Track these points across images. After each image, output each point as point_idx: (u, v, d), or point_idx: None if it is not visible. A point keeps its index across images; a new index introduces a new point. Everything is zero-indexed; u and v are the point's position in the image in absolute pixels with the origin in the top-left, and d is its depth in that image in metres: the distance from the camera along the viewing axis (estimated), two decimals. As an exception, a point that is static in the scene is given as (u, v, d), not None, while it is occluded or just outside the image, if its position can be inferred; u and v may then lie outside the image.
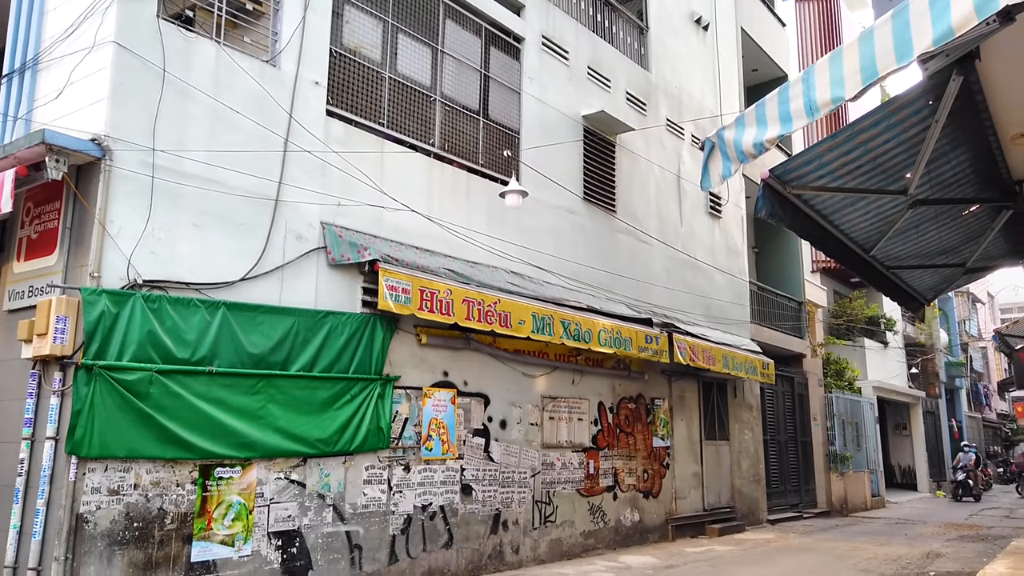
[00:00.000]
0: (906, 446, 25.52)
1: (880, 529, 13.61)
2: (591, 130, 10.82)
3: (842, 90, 3.35)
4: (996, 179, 6.89)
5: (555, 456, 9.32)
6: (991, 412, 37.42)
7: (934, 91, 5.06)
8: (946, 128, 5.52)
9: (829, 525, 14.14)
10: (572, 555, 9.28)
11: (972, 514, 16.88)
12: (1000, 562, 7.07)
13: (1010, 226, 8.12)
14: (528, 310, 8.42)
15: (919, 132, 5.60)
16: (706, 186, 4.50)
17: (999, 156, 6.39)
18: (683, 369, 11.52)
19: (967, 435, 30.84)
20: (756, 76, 17.20)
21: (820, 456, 16.84)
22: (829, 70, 3.43)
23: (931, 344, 27.19)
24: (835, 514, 16.31)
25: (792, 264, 17.72)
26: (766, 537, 11.83)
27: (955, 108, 5.29)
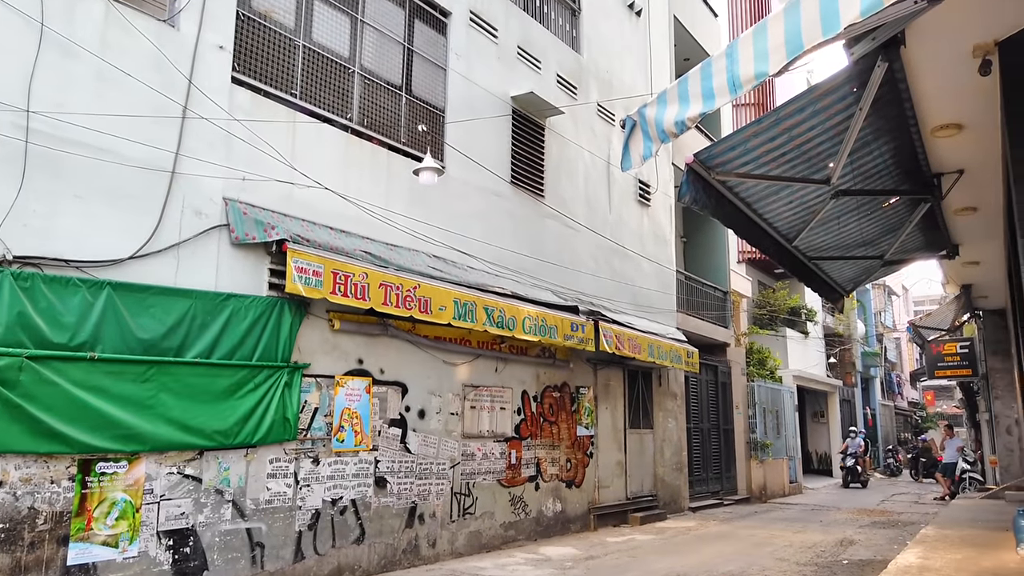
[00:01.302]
0: (823, 433, 26.37)
1: (797, 515, 13.88)
2: (520, 112, 10.54)
3: (766, 65, 3.15)
4: (916, 172, 6.92)
5: (476, 446, 9.06)
6: (903, 400, 39.13)
7: (859, 77, 4.95)
8: (869, 117, 5.45)
9: (748, 512, 14.36)
10: (491, 547, 9.05)
11: (883, 500, 17.46)
12: (911, 551, 7.15)
13: (927, 219, 8.23)
14: (450, 296, 8.11)
15: (843, 120, 5.52)
16: (626, 167, 4.27)
17: (920, 148, 6.39)
18: (609, 357, 11.42)
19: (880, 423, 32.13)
20: (688, 65, 17.16)
21: (741, 444, 17.11)
22: (753, 44, 3.23)
23: (849, 335, 28.14)
24: (754, 500, 16.61)
25: (719, 254, 17.91)
26: (687, 525, 11.88)
27: (879, 97, 5.21)
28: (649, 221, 13.80)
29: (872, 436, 30.59)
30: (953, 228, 8.92)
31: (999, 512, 10.65)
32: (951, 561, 6.54)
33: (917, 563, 6.49)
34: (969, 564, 6.39)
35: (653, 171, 13.98)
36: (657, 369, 13.14)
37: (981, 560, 6.58)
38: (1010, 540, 7.37)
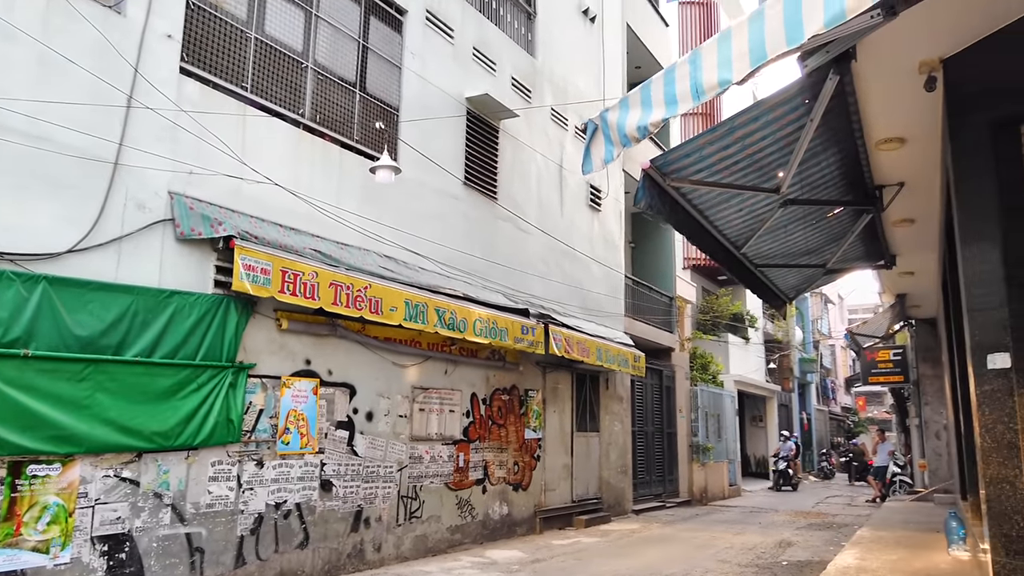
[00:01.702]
0: (761, 437, 27.02)
1: (736, 518, 14.16)
2: (475, 113, 10.50)
3: (729, 72, 3.19)
4: (860, 183, 7.12)
5: (424, 449, 8.97)
6: (836, 406, 40.39)
7: (811, 89, 5.06)
8: (819, 129, 5.57)
9: (690, 514, 14.59)
10: (437, 551, 8.97)
11: (818, 502, 17.96)
12: (848, 552, 7.36)
13: (868, 230, 8.49)
14: (401, 296, 8.01)
15: (794, 131, 5.63)
16: (587, 170, 4.27)
17: (864, 160, 6.58)
18: (558, 361, 11.46)
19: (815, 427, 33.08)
20: (639, 73, 17.43)
21: (684, 447, 17.39)
22: (717, 52, 3.26)
23: (788, 341, 28.89)
24: (695, 503, 16.90)
25: (665, 260, 18.18)
26: (631, 528, 12.00)
27: (829, 109, 5.34)
28: (600, 226, 13.91)
29: (807, 440, 31.49)
30: (891, 239, 9.22)
31: (929, 514, 11.07)
32: (887, 562, 6.75)
33: (855, 564, 6.68)
34: (903, 565, 6.61)
35: (604, 176, 14.11)
36: (605, 373, 13.25)
37: (914, 561, 6.81)
38: (941, 541, 7.65)
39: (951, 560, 6.79)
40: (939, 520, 9.52)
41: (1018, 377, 4.28)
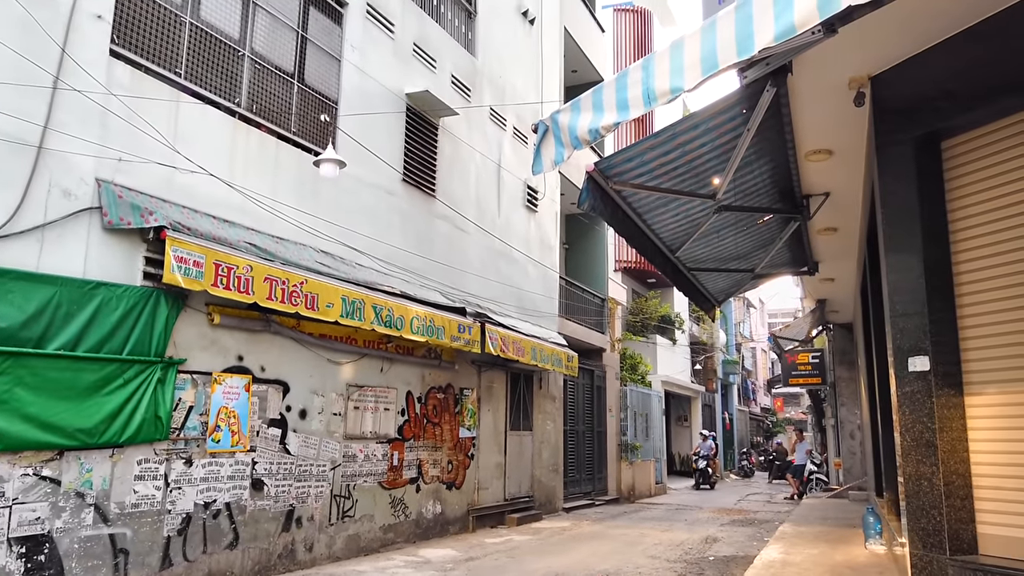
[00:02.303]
0: (686, 436, 27.75)
1: (663, 515, 14.50)
2: (414, 109, 10.43)
3: (682, 80, 3.28)
4: (789, 192, 7.41)
5: (358, 448, 8.86)
6: (756, 406, 41.80)
7: (749, 100, 5.24)
8: (755, 138, 5.77)
9: (619, 512, 14.86)
10: (370, 550, 8.88)
11: (740, 499, 18.56)
12: (772, 547, 7.64)
13: (795, 237, 8.84)
14: (338, 293, 7.89)
15: (731, 140, 5.82)
16: (538, 170, 4.31)
17: (794, 170, 6.85)
18: (493, 360, 11.49)
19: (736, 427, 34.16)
20: (575, 77, 17.66)
21: (613, 446, 17.69)
22: (670, 59, 3.35)
23: (712, 343, 29.74)
24: (623, 501, 17.22)
25: (598, 262, 18.47)
26: (562, 525, 12.14)
27: (764, 120, 5.53)
28: (536, 226, 14.02)
29: (729, 439, 32.51)
30: (816, 246, 9.62)
31: (844, 510, 11.59)
32: (809, 556, 7.05)
33: (780, 558, 6.94)
34: (824, 558, 6.91)
35: (541, 178, 14.23)
36: (539, 372, 13.37)
37: (834, 555, 7.13)
38: (859, 536, 8.03)
39: (868, 554, 7.14)
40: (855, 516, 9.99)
41: (937, 379, 4.54)
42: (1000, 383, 4.39)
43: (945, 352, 4.59)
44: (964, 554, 4.37)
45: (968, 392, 4.55)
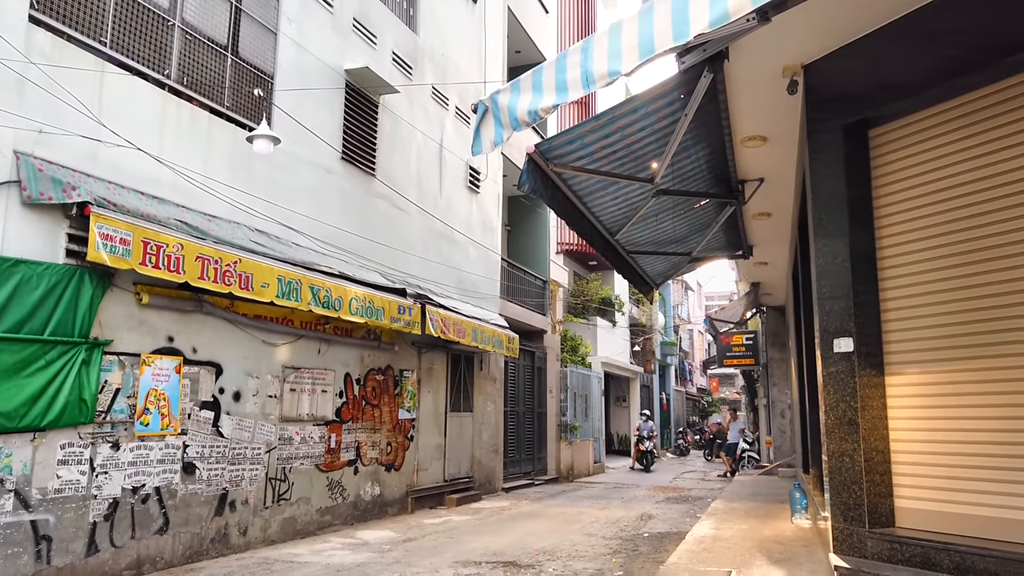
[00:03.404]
0: (624, 416, 28.26)
1: (601, 493, 14.76)
2: (354, 86, 10.23)
3: (619, 64, 3.29)
4: (725, 177, 7.56)
5: (294, 430, 8.73)
6: (692, 387, 42.80)
7: (687, 85, 5.31)
8: (692, 123, 5.86)
9: (557, 491, 15.06)
10: (307, 533, 8.79)
11: (675, 477, 19.02)
12: (704, 523, 7.86)
13: (730, 222, 9.04)
14: (273, 273, 7.72)
15: (670, 124, 5.89)
16: (477, 151, 4.28)
17: (730, 156, 6.98)
18: (434, 341, 11.45)
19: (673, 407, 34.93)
20: (519, 58, 17.60)
21: (553, 426, 17.89)
22: (608, 42, 3.36)
23: (651, 325, 30.27)
24: (562, 480, 17.46)
25: (540, 244, 18.54)
26: (501, 505, 12.24)
27: (702, 105, 5.62)
28: (478, 208, 13.98)
29: (666, 419, 33.23)
30: (750, 231, 9.86)
31: (774, 486, 12.00)
32: (739, 531, 7.28)
33: (711, 534, 7.15)
34: (754, 533, 7.15)
35: (483, 159, 14.16)
36: (480, 354, 13.38)
37: (763, 529, 7.38)
38: (786, 511, 8.33)
39: (795, 528, 7.41)
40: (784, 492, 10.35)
41: (859, 360, 4.71)
42: (918, 363, 4.59)
43: (868, 334, 4.77)
44: (882, 527, 4.58)
45: (888, 372, 4.74)
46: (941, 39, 4.37)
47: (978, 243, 4.31)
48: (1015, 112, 4.17)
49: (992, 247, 4.23)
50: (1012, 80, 4.18)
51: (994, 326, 4.20)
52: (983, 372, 4.24)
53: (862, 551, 4.55)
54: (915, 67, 4.53)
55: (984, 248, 4.27)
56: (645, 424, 21.46)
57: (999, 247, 4.19)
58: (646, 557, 7.57)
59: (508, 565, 7.21)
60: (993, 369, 4.19)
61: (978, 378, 4.27)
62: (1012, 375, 4.09)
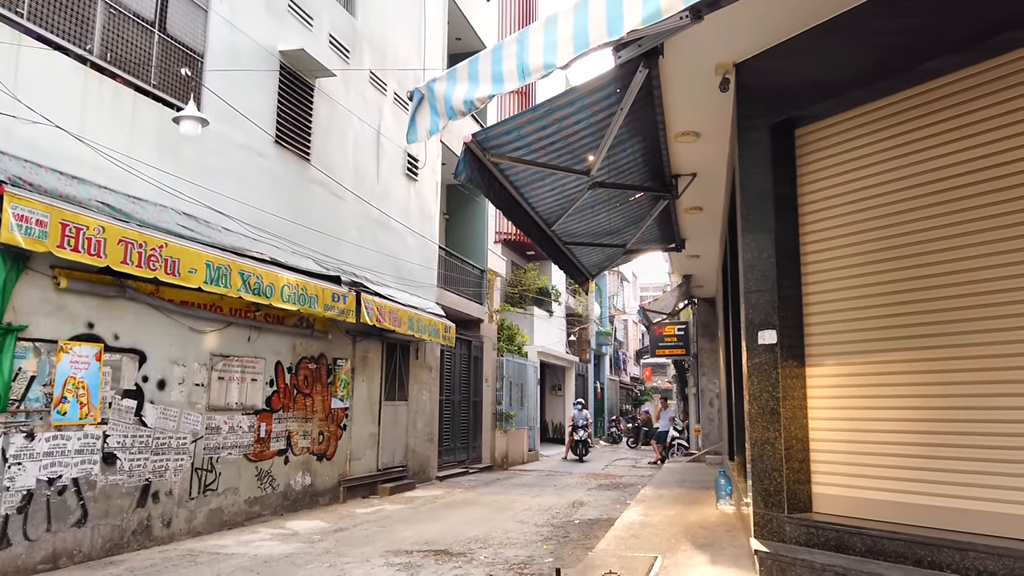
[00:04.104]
0: (559, 405, 28.58)
1: (534, 481, 14.91)
2: (289, 68, 9.99)
3: (555, 57, 3.31)
4: (659, 171, 7.69)
5: (222, 419, 8.53)
6: (626, 376, 43.58)
7: (623, 80, 5.37)
8: (628, 118, 5.94)
9: (492, 479, 15.15)
10: (234, 524, 8.62)
11: (607, 465, 19.36)
12: (633, 509, 8.04)
13: (664, 215, 9.21)
14: (201, 258, 7.50)
15: (606, 118, 5.95)
16: (412, 139, 4.24)
17: (664, 150, 7.11)
18: (369, 330, 11.34)
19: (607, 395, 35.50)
20: (459, 45, 17.48)
21: (488, 415, 17.96)
22: (544, 35, 3.37)
23: (587, 315, 30.65)
24: (497, 468, 17.56)
25: (478, 233, 18.52)
26: (435, 494, 12.24)
27: (637, 100, 5.70)
28: (416, 196, 13.86)
29: (600, 408, 33.77)
30: (683, 224, 10.07)
31: (701, 473, 12.34)
32: (666, 517, 7.47)
33: (639, 520, 7.31)
34: (679, 519, 7.34)
35: (422, 146, 14.05)
36: (416, 342, 13.31)
37: (689, 515, 7.59)
38: (711, 497, 8.58)
39: (719, 513, 7.64)
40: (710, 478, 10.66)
41: (782, 352, 4.88)
42: (836, 356, 4.79)
43: (790, 326, 4.94)
44: (800, 512, 4.76)
45: (809, 364, 4.93)
46: (864, 42, 4.54)
47: (894, 241, 4.50)
48: (930, 116, 4.36)
49: (906, 245, 4.43)
50: (928, 85, 4.37)
51: (907, 320, 4.40)
52: (895, 364, 4.45)
53: (781, 536, 4.72)
54: (839, 69, 4.70)
55: (899, 246, 4.47)
56: (579, 413, 21.18)
57: (913, 245, 4.39)
58: (576, 543, 7.70)
59: (440, 553, 7.22)
60: (905, 362, 4.40)
61: (890, 370, 4.48)
62: (922, 367, 4.31)
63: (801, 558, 4.36)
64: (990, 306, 4.01)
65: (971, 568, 3.76)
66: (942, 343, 4.21)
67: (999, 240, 3.98)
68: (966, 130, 4.18)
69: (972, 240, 4.11)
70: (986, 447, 3.97)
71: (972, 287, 4.09)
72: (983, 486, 3.96)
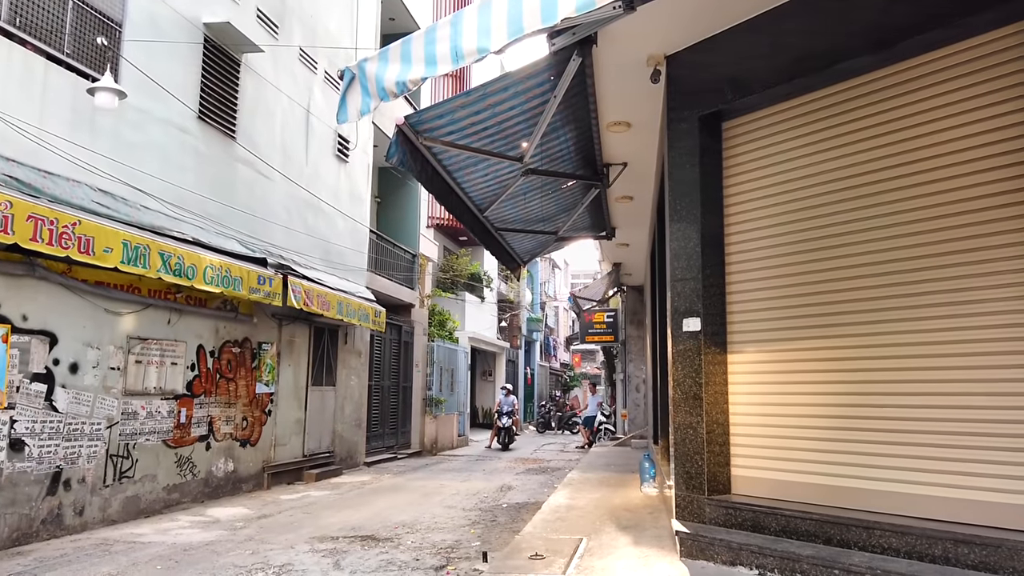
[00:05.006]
0: (490, 390, 28.70)
1: (463, 466, 14.95)
2: (214, 42, 9.64)
3: (488, 41, 3.29)
4: (591, 160, 7.77)
5: (140, 404, 8.23)
6: (556, 362, 44.08)
7: (557, 67, 5.39)
8: (561, 105, 5.97)
9: (420, 464, 15.11)
10: (152, 512, 8.35)
11: (536, 449, 19.57)
12: (559, 493, 8.16)
13: (595, 203, 9.32)
14: (118, 236, 7.19)
15: (540, 105, 5.97)
16: (342, 120, 4.15)
17: (596, 139, 7.18)
18: (296, 313, 11.11)
19: (537, 381, 35.84)
20: (393, 25, 17.20)
21: (418, 400, 17.89)
22: (478, 18, 3.34)
23: (518, 301, 30.81)
24: (426, 454, 17.53)
25: (410, 217, 18.34)
26: (362, 479, 12.13)
27: (571, 88, 5.74)
28: (346, 177, 13.62)
29: (530, 393, 34.08)
30: (613, 213, 10.22)
31: (627, 457, 12.62)
32: (592, 500, 7.61)
33: (565, 503, 7.43)
34: (605, 501, 7.49)
35: (354, 127, 13.79)
36: (344, 327, 13.13)
37: (614, 498, 7.76)
38: (636, 480, 8.79)
39: (643, 496, 7.83)
40: (635, 462, 10.91)
41: (705, 339, 5.02)
42: (756, 343, 4.95)
43: (714, 314, 5.09)
44: (720, 494, 4.93)
45: (731, 351, 5.09)
46: (783, 42, 4.68)
47: (811, 233, 4.68)
48: (844, 115, 4.54)
49: (822, 237, 4.61)
50: (843, 85, 4.54)
51: (822, 310, 4.59)
52: (810, 352, 4.64)
53: (701, 517, 4.88)
54: (762, 66, 4.83)
55: (816, 238, 4.65)
56: (506, 399, 19.93)
57: (829, 237, 4.58)
58: (503, 527, 7.77)
59: (366, 539, 7.17)
60: (818, 349, 4.59)
61: (805, 357, 4.67)
62: (834, 355, 4.50)
63: (719, 538, 4.51)
64: (898, 297, 4.21)
65: (876, 545, 3.97)
66: (853, 332, 4.41)
67: (906, 234, 4.19)
68: (876, 129, 4.37)
69: (882, 234, 4.30)
70: (892, 431, 4.19)
71: (882, 278, 4.29)
72: (889, 468, 4.17)
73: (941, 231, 4.04)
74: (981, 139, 3.90)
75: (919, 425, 4.07)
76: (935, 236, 4.06)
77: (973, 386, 3.87)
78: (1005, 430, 3.73)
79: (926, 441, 4.02)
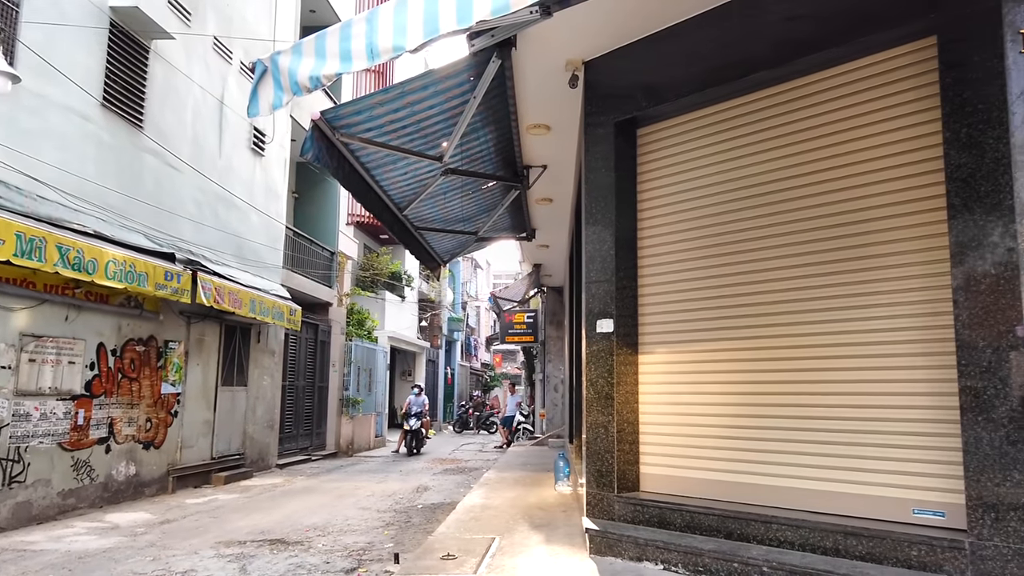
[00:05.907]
0: (409, 390, 28.44)
1: (379, 467, 14.78)
2: (120, 27, 9.21)
3: (404, 40, 3.26)
4: (511, 162, 7.82)
5: (33, 405, 7.79)
6: (477, 362, 44.12)
7: (476, 68, 5.41)
8: (481, 106, 6.00)
9: (335, 466, 14.85)
10: (46, 518, 7.91)
11: (454, 449, 19.53)
12: (475, 492, 8.17)
13: (515, 204, 9.38)
14: (11, 228, 6.78)
15: (460, 105, 5.97)
16: (253, 113, 4.04)
17: (516, 141, 7.23)
18: (206, 311, 10.73)
19: (458, 381, 35.78)
20: (314, 17, 16.86)
21: (335, 401, 17.57)
22: (393, 16, 3.31)
23: (439, 301, 30.68)
24: (342, 455, 17.23)
25: (329, 214, 18.01)
26: (274, 482, 11.83)
27: (491, 89, 5.77)
28: (262, 172, 13.25)
29: (450, 393, 33.98)
30: (534, 214, 10.31)
31: (544, 456, 12.75)
32: (507, 499, 7.66)
33: (480, 503, 7.45)
34: (520, 501, 7.55)
35: (270, 121, 13.44)
36: (257, 325, 12.77)
37: (528, 497, 7.83)
38: (551, 479, 8.89)
39: (557, 495, 7.93)
40: (551, 461, 11.04)
41: (617, 340, 5.13)
42: (665, 344, 5.10)
43: (626, 316, 5.21)
44: (628, 491, 5.05)
45: (642, 351, 5.22)
46: (699, 52, 4.83)
47: (717, 239, 4.85)
48: (752, 125, 4.73)
49: (728, 244, 4.79)
50: (752, 96, 4.73)
51: (724, 313, 4.76)
52: (714, 354, 4.81)
53: (611, 514, 4.98)
54: (675, 75, 4.98)
55: (721, 244, 4.82)
56: (417, 399, 18.64)
57: (733, 243, 4.76)
58: (418, 528, 7.72)
59: (276, 543, 7.00)
60: (722, 351, 4.76)
61: (710, 359, 4.83)
62: (736, 356, 4.68)
63: (627, 535, 4.62)
64: (794, 301, 4.42)
65: (774, 539, 4.14)
66: (753, 334, 4.60)
67: (805, 241, 4.39)
68: (781, 140, 4.58)
69: (782, 240, 4.50)
70: (787, 428, 4.38)
71: (781, 283, 4.49)
72: (785, 464, 4.37)
73: (836, 239, 4.26)
74: (880, 151, 4.13)
75: (812, 423, 4.27)
76: (830, 244, 4.28)
77: (861, 386, 4.09)
78: (891, 428, 3.96)
79: (818, 439, 4.23)
